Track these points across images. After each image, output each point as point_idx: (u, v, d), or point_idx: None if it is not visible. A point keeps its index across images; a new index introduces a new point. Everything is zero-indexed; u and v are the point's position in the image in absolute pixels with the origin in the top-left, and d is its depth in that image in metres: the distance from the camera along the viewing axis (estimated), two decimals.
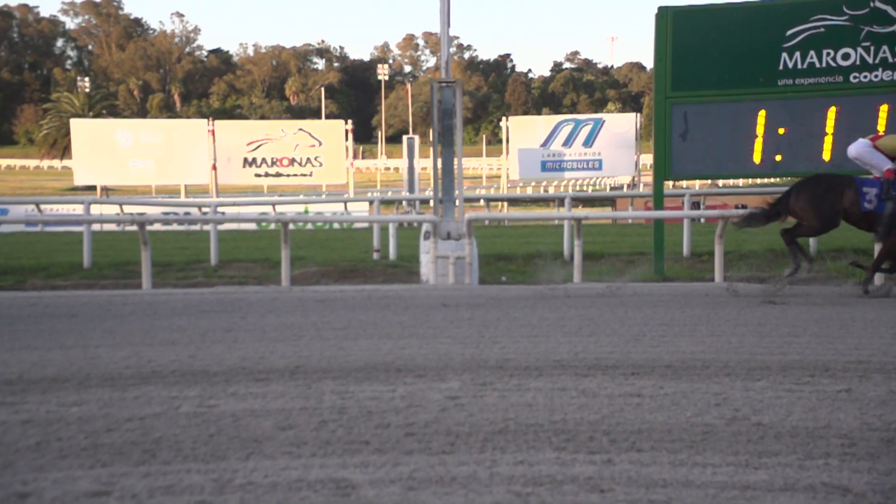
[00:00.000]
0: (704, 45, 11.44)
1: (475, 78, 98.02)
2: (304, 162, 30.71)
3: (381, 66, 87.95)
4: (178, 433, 3.58)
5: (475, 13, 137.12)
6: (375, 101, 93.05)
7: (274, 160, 30.48)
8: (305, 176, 31.00)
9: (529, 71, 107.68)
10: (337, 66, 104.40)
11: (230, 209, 22.88)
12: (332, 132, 31.50)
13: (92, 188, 33.98)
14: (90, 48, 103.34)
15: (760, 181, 21.57)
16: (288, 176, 30.88)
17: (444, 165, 11.47)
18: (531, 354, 5.26)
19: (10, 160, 72.51)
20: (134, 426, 3.70)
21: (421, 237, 11.53)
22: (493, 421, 3.75)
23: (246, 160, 30.34)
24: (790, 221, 9.11)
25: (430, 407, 4.00)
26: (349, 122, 32.09)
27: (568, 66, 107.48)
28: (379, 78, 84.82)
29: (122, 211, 21.45)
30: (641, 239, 15.01)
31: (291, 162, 30.60)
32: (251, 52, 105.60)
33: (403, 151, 34.56)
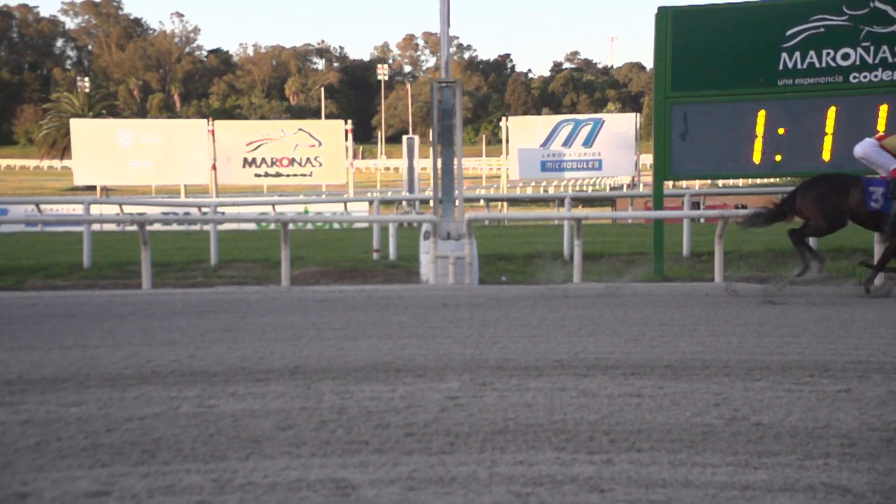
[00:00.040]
0: (704, 45, 11.44)
1: (475, 78, 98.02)
2: (303, 162, 30.71)
3: (380, 66, 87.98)
4: (177, 433, 3.58)
5: (475, 13, 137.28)
6: (375, 101, 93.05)
7: (274, 160, 30.48)
8: (305, 176, 31.00)
9: (529, 71, 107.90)
10: (337, 66, 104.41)
11: (230, 209, 22.88)
12: (331, 132, 31.50)
13: (92, 188, 33.98)
14: (90, 48, 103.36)
15: (760, 181, 21.60)
16: (288, 176, 30.89)
17: (443, 165, 11.46)
18: (531, 354, 5.26)
19: (9, 160, 72.51)
20: (133, 426, 3.69)
21: (421, 237, 11.53)
22: (492, 421, 3.74)
23: (246, 160, 30.35)
24: (797, 221, 9.10)
25: (429, 407, 4.00)
26: (349, 122, 32.10)
27: (568, 66, 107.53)
28: (379, 78, 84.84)
29: (121, 211, 21.45)
30: (641, 239, 15.01)
31: (291, 162, 30.60)
32: (251, 52, 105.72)
33: (403, 151, 34.56)
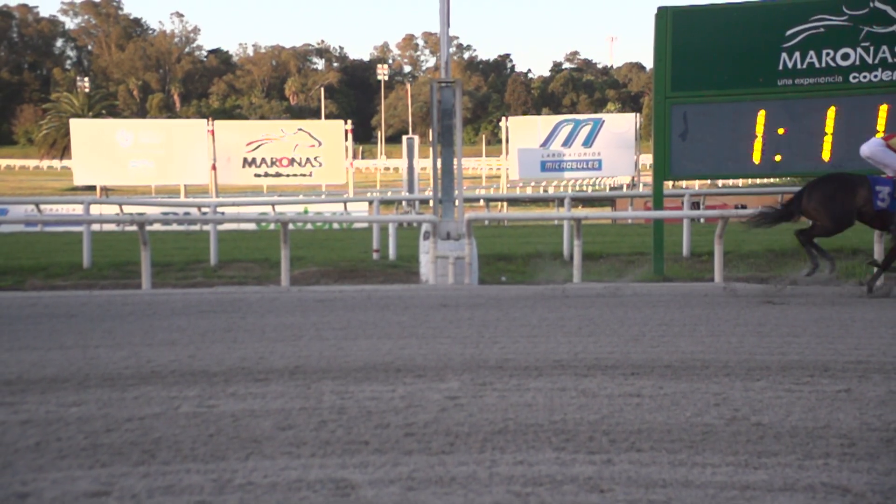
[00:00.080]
0: (704, 45, 11.44)
1: (475, 78, 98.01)
2: (303, 162, 30.72)
3: (380, 66, 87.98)
4: (177, 433, 3.57)
5: (475, 13, 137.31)
6: (375, 101, 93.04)
7: (273, 160, 30.50)
8: (305, 176, 31.02)
9: (529, 71, 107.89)
10: (336, 66, 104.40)
11: (230, 209, 22.90)
12: (331, 132, 31.52)
13: (91, 188, 34.00)
14: (90, 48, 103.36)
15: (760, 181, 21.60)
16: (287, 176, 30.91)
17: (443, 165, 11.47)
18: (531, 354, 5.26)
19: (9, 160, 72.51)
20: (133, 426, 3.69)
21: (420, 237, 11.53)
22: (492, 421, 3.74)
23: (245, 160, 30.36)
24: (801, 222, 9.09)
25: (429, 407, 4.00)
26: (349, 122, 32.13)
27: (567, 66, 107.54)
28: (378, 78, 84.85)
29: (121, 211, 21.45)
30: (641, 239, 15.01)
31: (291, 162, 30.62)
32: (251, 52, 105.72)
33: (403, 151, 34.58)
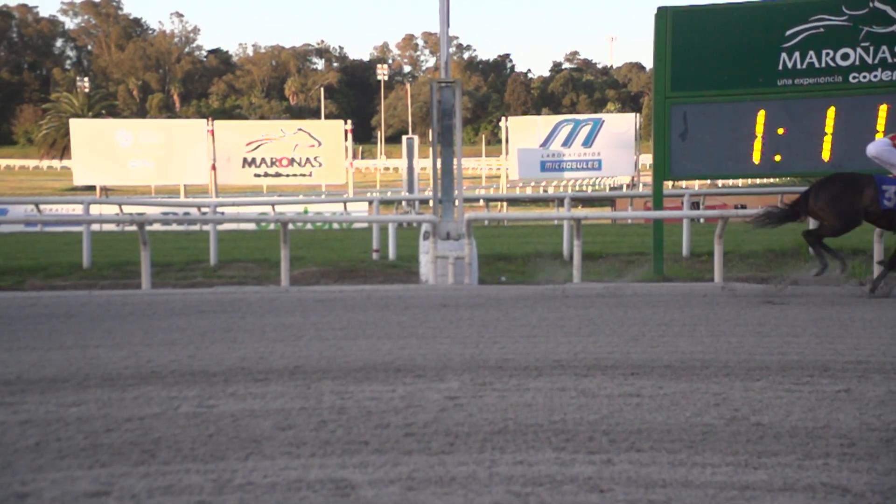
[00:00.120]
0: (704, 45, 11.45)
1: (475, 78, 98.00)
2: (303, 162, 30.72)
3: (380, 66, 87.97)
4: (177, 433, 3.57)
5: (475, 13, 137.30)
6: (375, 101, 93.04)
7: (273, 160, 30.49)
8: (305, 176, 31.01)
9: (529, 71, 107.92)
10: (336, 66, 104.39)
11: (229, 209, 22.90)
12: (331, 132, 31.51)
13: (91, 188, 34.00)
14: (89, 48, 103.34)
15: (760, 181, 21.61)
16: (287, 176, 30.90)
17: (443, 165, 11.47)
18: (530, 354, 5.26)
19: (9, 160, 72.50)
20: (133, 426, 3.69)
21: (420, 237, 11.53)
22: (492, 421, 3.74)
23: (245, 160, 30.35)
24: (805, 222, 9.09)
25: (429, 407, 3.99)
26: (348, 122, 32.12)
27: (567, 66, 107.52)
28: (378, 78, 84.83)
29: (121, 211, 21.45)
30: (641, 239, 15.01)
31: (291, 162, 30.61)
32: (250, 52, 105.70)
33: (403, 151, 34.59)
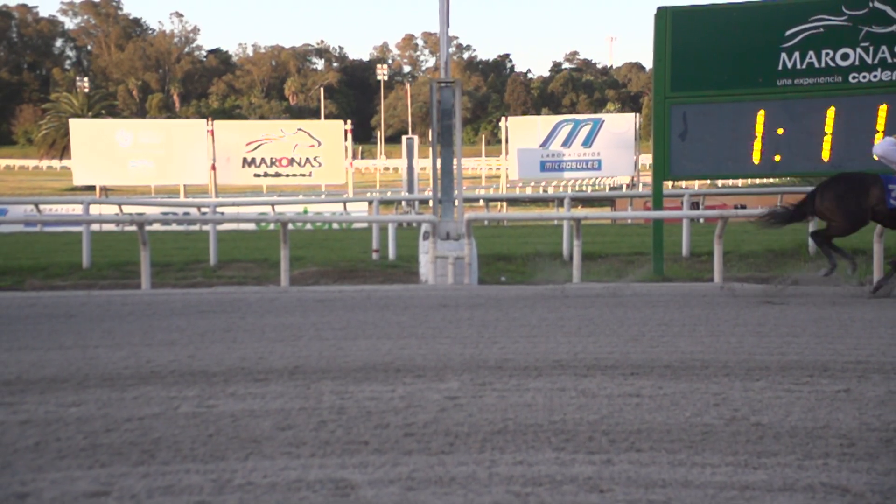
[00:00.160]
0: (704, 45, 11.45)
1: (474, 78, 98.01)
2: (303, 162, 30.72)
3: (380, 66, 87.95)
4: (177, 433, 3.57)
5: (474, 13, 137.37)
6: (375, 101, 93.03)
7: (273, 160, 30.49)
8: (304, 176, 31.02)
9: (528, 71, 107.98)
10: (336, 66, 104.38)
11: (229, 209, 22.90)
12: (331, 132, 31.52)
13: (91, 188, 34.00)
14: (89, 48, 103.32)
15: (759, 181, 21.62)
16: (287, 176, 30.90)
17: (443, 165, 11.47)
18: (530, 355, 5.26)
19: (9, 160, 72.50)
20: (133, 426, 3.69)
21: (420, 237, 11.53)
22: (492, 421, 3.74)
23: (245, 160, 30.36)
24: (807, 222, 9.08)
25: (429, 407, 3.99)
26: (348, 122, 32.12)
27: (567, 66, 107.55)
28: (378, 78, 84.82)
29: (121, 211, 21.46)
30: (641, 239, 15.01)
31: (290, 162, 30.62)
32: (250, 52, 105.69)
33: (403, 151, 34.60)
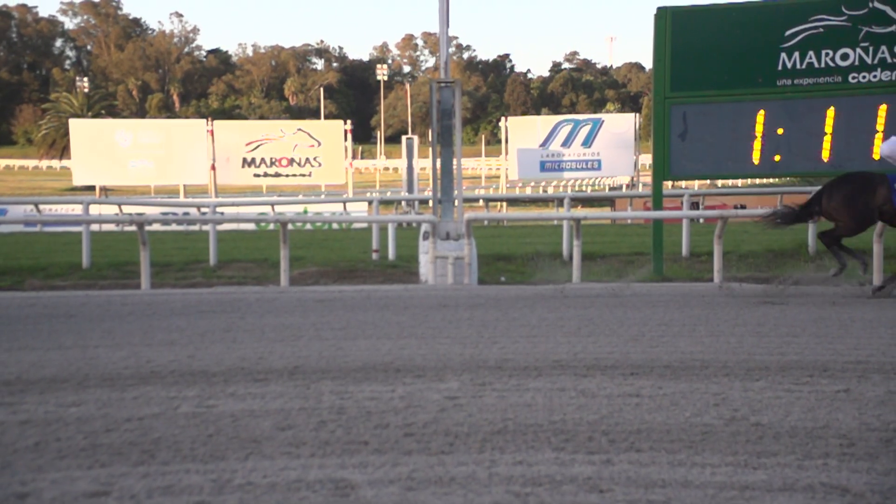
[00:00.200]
0: (703, 45, 11.45)
1: (474, 78, 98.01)
2: (303, 162, 30.74)
3: (380, 66, 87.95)
4: (176, 433, 3.57)
5: (474, 13, 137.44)
6: (374, 101, 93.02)
7: (273, 160, 30.51)
8: (304, 176, 31.03)
9: (528, 71, 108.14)
10: (336, 66, 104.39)
11: (229, 209, 22.91)
12: (331, 132, 31.53)
13: (91, 188, 34.01)
14: (89, 48, 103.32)
15: (759, 181, 21.63)
16: (287, 176, 30.92)
17: (443, 166, 11.47)
18: (530, 355, 5.26)
19: (8, 160, 72.50)
20: (133, 426, 3.69)
21: (420, 237, 11.53)
22: (492, 421, 3.74)
23: (245, 160, 30.37)
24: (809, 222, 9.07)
25: (429, 407, 3.99)
26: (348, 122, 32.14)
27: (567, 66, 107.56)
28: (378, 78, 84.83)
29: (120, 211, 21.46)
30: (640, 239, 15.01)
31: (290, 162, 30.63)
32: (250, 52, 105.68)
33: (402, 152, 34.60)
